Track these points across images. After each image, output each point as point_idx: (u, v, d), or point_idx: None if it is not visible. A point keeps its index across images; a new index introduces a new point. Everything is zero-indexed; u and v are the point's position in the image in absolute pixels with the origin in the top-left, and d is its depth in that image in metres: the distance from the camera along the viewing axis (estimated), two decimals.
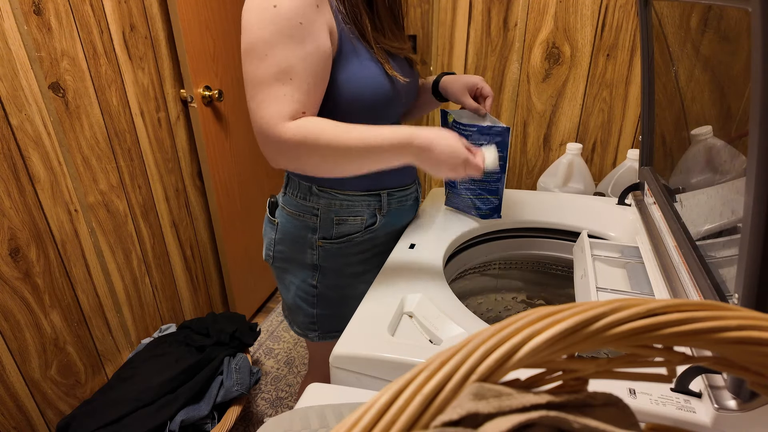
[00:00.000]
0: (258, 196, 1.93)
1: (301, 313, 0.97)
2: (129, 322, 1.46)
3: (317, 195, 0.86)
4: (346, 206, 0.87)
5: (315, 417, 0.53)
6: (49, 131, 1.15)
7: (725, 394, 0.51)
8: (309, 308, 0.95)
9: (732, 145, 0.63)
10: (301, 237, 0.89)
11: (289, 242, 0.91)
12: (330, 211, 0.87)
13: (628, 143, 1.60)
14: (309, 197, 0.87)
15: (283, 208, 0.91)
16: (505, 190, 1.00)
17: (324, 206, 0.87)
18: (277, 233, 0.92)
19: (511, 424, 0.18)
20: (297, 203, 0.88)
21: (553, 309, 0.20)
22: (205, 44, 1.51)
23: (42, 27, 1.10)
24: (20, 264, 1.12)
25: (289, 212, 0.89)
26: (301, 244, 0.90)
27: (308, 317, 0.96)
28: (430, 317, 0.70)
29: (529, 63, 1.59)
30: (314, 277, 0.92)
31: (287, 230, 0.90)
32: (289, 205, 0.90)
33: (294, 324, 1.01)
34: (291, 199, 0.89)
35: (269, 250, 0.95)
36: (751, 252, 0.42)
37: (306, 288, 0.93)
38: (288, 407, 1.59)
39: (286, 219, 0.90)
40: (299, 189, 0.88)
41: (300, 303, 0.96)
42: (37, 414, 1.21)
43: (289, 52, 0.68)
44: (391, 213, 0.92)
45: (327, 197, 0.86)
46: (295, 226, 0.89)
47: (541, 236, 1.06)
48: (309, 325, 0.97)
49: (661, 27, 0.89)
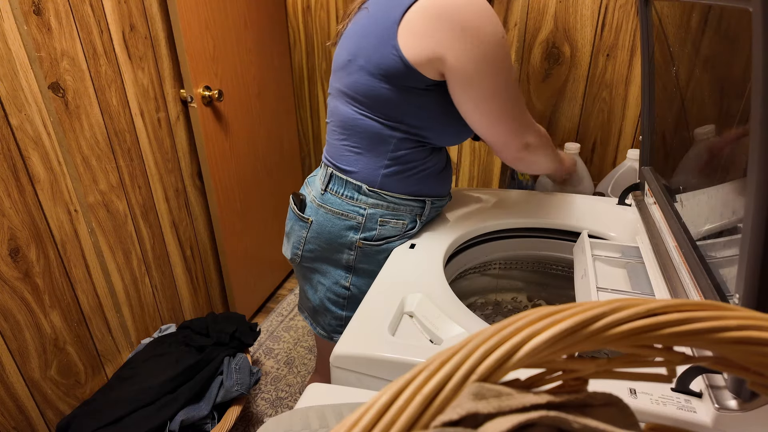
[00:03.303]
0: (258, 196, 1.93)
1: (329, 315, 0.96)
2: (129, 322, 1.46)
3: (367, 194, 0.87)
4: (392, 208, 0.89)
5: (315, 417, 0.53)
6: (49, 131, 1.15)
7: (726, 394, 0.51)
8: (338, 310, 0.94)
9: (732, 145, 0.63)
10: (340, 236, 0.89)
11: (325, 241, 0.91)
12: (376, 212, 0.88)
13: (628, 143, 1.60)
14: (358, 196, 0.88)
15: (321, 206, 0.90)
16: (505, 190, 1.01)
17: (371, 206, 0.87)
18: (310, 232, 0.91)
19: (511, 424, 0.18)
20: (342, 202, 0.88)
21: (553, 309, 0.20)
22: (205, 44, 1.51)
23: (42, 27, 1.10)
24: (20, 264, 1.12)
25: (329, 210, 0.89)
26: (338, 244, 0.90)
27: (336, 319, 0.95)
28: (430, 317, 0.70)
29: (529, 63, 1.59)
30: (347, 279, 0.92)
31: (324, 229, 0.90)
32: (331, 203, 0.89)
33: (318, 326, 1.00)
34: (334, 198, 0.89)
35: (297, 249, 0.94)
36: (752, 252, 0.42)
37: (337, 290, 0.93)
38: (288, 407, 1.59)
39: (324, 218, 0.90)
40: (346, 188, 0.88)
41: (328, 305, 0.95)
42: (36, 414, 1.21)
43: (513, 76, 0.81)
44: (428, 220, 0.96)
45: (376, 197, 0.87)
46: (335, 225, 0.89)
47: (541, 236, 1.06)
48: (336, 328, 0.96)
49: (662, 27, 0.89)
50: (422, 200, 0.92)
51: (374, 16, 0.80)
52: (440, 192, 0.95)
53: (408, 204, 0.90)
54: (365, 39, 0.80)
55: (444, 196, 0.98)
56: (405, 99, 0.80)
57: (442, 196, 0.96)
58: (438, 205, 0.97)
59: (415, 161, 0.88)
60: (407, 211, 0.91)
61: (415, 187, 0.90)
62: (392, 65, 0.77)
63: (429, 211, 0.94)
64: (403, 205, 0.90)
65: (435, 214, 0.99)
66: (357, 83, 0.82)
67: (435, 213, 0.98)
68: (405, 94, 0.80)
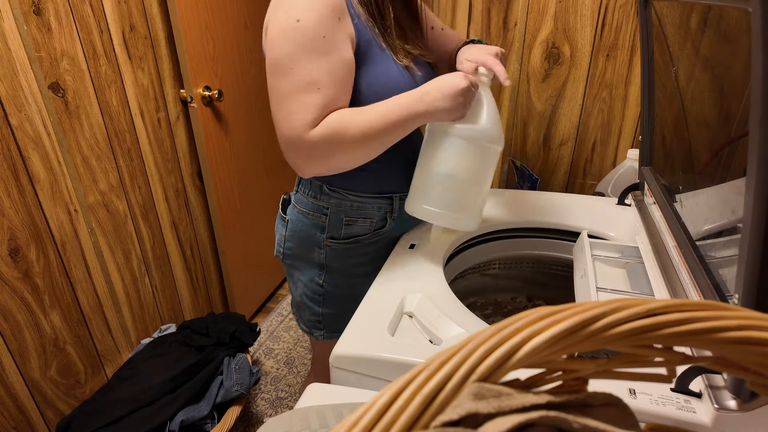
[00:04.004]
0: (258, 196, 1.93)
1: (307, 310, 0.98)
2: (129, 322, 1.46)
3: (328, 194, 0.86)
4: (357, 207, 0.87)
5: (315, 417, 0.53)
6: (49, 131, 1.15)
7: (725, 394, 0.51)
8: (315, 306, 0.96)
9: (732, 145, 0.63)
10: (309, 235, 0.90)
11: (298, 240, 0.92)
12: (340, 211, 0.87)
13: (627, 143, 1.60)
14: (320, 196, 0.87)
15: (294, 206, 0.91)
16: (505, 190, 1.00)
17: (334, 206, 0.87)
18: (288, 230, 0.93)
19: (510, 424, 0.18)
20: (308, 201, 0.89)
21: (553, 309, 0.20)
22: (204, 44, 1.51)
23: (42, 27, 1.10)
24: (20, 264, 1.12)
25: (299, 210, 0.90)
26: (309, 243, 0.90)
27: (315, 315, 0.97)
28: (430, 317, 0.70)
29: (529, 63, 1.59)
30: (321, 276, 0.92)
31: (297, 228, 0.91)
32: (300, 203, 0.90)
33: (301, 321, 1.02)
34: (302, 197, 0.90)
35: (279, 247, 0.96)
36: (752, 252, 0.42)
37: (313, 286, 0.94)
38: (288, 407, 1.59)
39: (296, 217, 0.91)
40: (311, 188, 0.88)
41: (307, 301, 0.97)
42: (36, 414, 1.21)
43: (313, 65, 0.70)
44: (401, 217, 0.92)
45: (338, 197, 0.86)
46: (304, 224, 0.90)
47: (541, 236, 1.06)
48: (315, 324, 0.98)
49: (661, 27, 0.89)
50: (388, 197, 0.88)
51: None
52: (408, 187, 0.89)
53: (373, 202, 0.88)
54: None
55: None
56: None
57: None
58: None
59: None
60: (374, 209, 0.88)
61: (377, 184, 0.86)
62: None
63: (400, 208, 0.90)
64: (368, 204, 0.87)
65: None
66: None
67: None
68: None
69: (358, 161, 0.77)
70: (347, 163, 0.76)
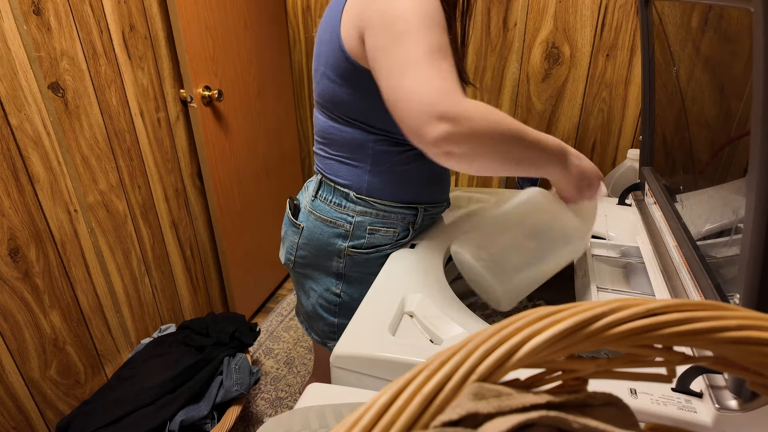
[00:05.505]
0: (258, 196, 1.93)
1: (321, 321, 0.95)
2: (129, 322, 1.46)
3: (354, 202, 0.85)
4: (382, 216, 0.86)
5: (315, 417, 0.53)
6: (49, 131, 1.15)
7: (726, 394, 0.51)
8: (330, 317, 0.93)
9: (733, 144, 0.63)
10: (328, 244, 0.87)
11: (314, 248, 0.89)
12: (364, 220, 0.85)
13: (628, 143, 1.60)
14: (345, 203, 0.85)
15: (311, 212, 0.89)
16: (505, 190, 1.00)
17: (359, 214, 0.85)
18: (301, 238, 0.90)
19: (510, 424, 0.18)
20: (330, 209, 0.86)
21: (553, 309, 0.20)
22: (204, 44, 1.51)
23: (41, 27, 1.10)
24: (20, 264, 1.12)
25: (318, 217, 0.87)
26: (327, 251, 0.88)
27: (329, 326, 0.94)
28: (430, 317, 0.70)
29: (529, 63, 1.59)
30: (338, 286, 0.90)
31: (314, 236, 0.88)
32: (319, 209, 0.88)
33: (312, 332, 0.99)
34: (323, 205, 0.87)
35: (290, 255, 0.93)
36: (752, 252, 0.42)
37: (328, 296, 0.92)
38: (288, 407, 1.59)
39: (313, 224, 0.88)
40: (334, 194, 0.86)
41: (321, 311, 0.94)
42: (36, 414, 1.21)
43: (441, 35, 0.61)
44: (423, 228, 0.92)
45: (363, 205, 0.85)
46: (324, 232, 0.87)
47: None
48: (329, 334, 0.95)
49: (662, 26, 0.88)
50: (414, 207, 0.88)
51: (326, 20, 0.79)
52: (434, 198, 0.91)
53: (398, 212, 0.87)
54: (321, 45, 0.80)
55: (438, 203, 0.93)
56: (361, 98, 0.78)
57: (435, 202, 0.92)
58: (432, 212, 0.93)
59: (399, 165, 0.84)
60: (398, 219, 0.87)
61: (404, 194, 0.86)
62: (341, 65, 0.75)
63: (422, 219, 0.90)
64: (393, 213, 0.86)
65: (430, 222, 0.95)
66: (323, 91, 0.81)
67: (430, 221, 0.94)
68: (360, 94, 0.77)
69: (495, 162, 0.61)
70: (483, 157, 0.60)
